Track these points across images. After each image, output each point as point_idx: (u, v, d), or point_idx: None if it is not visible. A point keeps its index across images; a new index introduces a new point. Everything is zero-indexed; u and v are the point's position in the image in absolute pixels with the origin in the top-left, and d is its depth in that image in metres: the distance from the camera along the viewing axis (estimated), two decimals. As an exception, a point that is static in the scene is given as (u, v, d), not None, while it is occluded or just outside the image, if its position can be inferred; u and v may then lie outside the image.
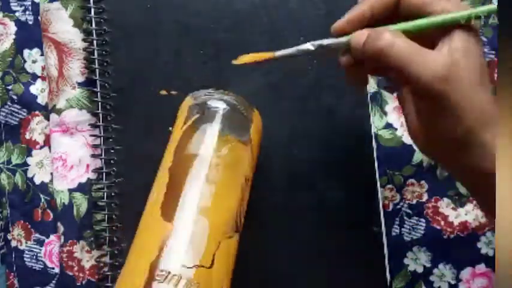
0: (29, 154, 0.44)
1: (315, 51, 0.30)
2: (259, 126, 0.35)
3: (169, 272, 0.27)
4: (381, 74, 0.36)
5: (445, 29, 0.27)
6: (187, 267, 0.27)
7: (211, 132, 0.32)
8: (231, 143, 0.32)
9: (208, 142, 0.31)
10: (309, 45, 0.30)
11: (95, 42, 0.42)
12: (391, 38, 0.27)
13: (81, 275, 0.41)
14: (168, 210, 0.29)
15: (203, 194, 0.30)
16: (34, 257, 0.43)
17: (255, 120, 0.35)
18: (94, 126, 0.42)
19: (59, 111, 0.43)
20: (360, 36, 0.29)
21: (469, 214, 0.41)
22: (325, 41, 0.30)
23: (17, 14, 0.45)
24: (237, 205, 0.31)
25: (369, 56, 0.28)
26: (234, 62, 0.32)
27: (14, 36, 0.45)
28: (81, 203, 0.42)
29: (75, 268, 0.41)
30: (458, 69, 0.26)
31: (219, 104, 0.33)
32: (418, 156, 0.42)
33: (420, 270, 0.42)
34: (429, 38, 0.28)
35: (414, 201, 0.42)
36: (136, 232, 0.32)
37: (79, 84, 0.43)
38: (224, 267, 0.30)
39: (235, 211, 0.31)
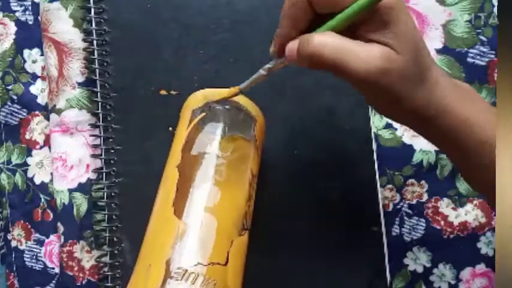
0: (29, 154, 0.44)
1: (268, 75, 0.31)
2: (262, 122, 0.35)
3: (186, 270, 0.27)
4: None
5: (373, 19, 0.26)
6: (203, 265, 0.27)
7: (216, 131, 0.32)
8: (236, 141, 0.32)
9: (213, 142, 0.32)
10: (261, 71, 0.31)
11: (95, 42, 0.42)
12: (321, 39, 0.26)
13: (81, 275, 0.41)
14: (180, 208, 0.30)
15: (212, 193, 0.30)
16: (34, 257, 0.43)
17: (258, 117, 0.35)
18: (94, 126, 0.42)
19: (59, 111, 0.43)
20: (292, 48, 0.28)
21: (469, 214, 0.41)
22: (271, 63, 0.31)
23: (17, 14, 0.45)
24: (245, 203, 0.31)
25: (306, 62, 0.27)
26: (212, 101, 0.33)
27: (14, 36, 0.45)
28: (81, 203, 0.42)
29: (75, 268, 0.41)
30: (392, 59, 0.26)
31: (222, 103, 0.33)
32: (418, 156, 0.42)
33: (420, 270, 0.42)
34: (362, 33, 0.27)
35: (414, 201, 0.42)
36: (148, 230, 0.32)
37: (79, 84, 0.43)
38: (238, 264, 0.30)
39: (244, 209, 0.31)
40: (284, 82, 0.42)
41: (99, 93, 0.42)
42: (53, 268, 0.43)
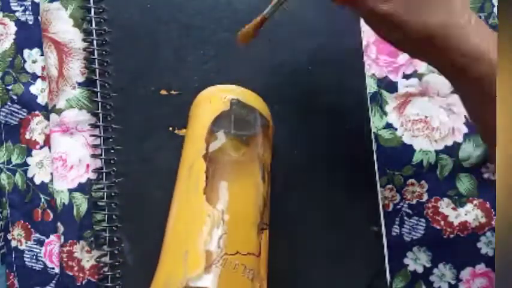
0: (29, 154, 0.44)
1: None
2: (271, 122, 0.36)
3: (226, 258, 0.27)
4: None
5: None
6: (242, 254, 0.28)
7: (230, 132, 0.32)
8: (250, 140, 0.32)
9: (229, 141, 0.32)
10: None
11: (95, 42, 0.42)
12: None
13: (81, 275, 0.41)
14: (211, 196, 0.30)
15: (232, 189, 0.30)
16: (34, 257, 0.43)
17: (269, 117, 0.35)
18: (94, 126, 0.42)
19: (59, 111, 0.43)
20: None
21: (469, 214, 0.41)
22: None
23: (17, 14, 0.45)
24: (266, 196, 0.32)
25: None
26: (240, 42, 0.35)
27: (14, 36, 0.45)
28: (81, 203, 0.42)
29: (75, 268, 0.41)
30: None
31: (237, 104, 0.33)
32: (418, 156, 0.42)
33: (420, 270, 0.42)
34: None
35: (414, 201, 0.42)
36: (174, 217, 0.32)
37: (79, 84, 0.43)
38: (265, 256, 0.30)
39: (263, 204, 0.32)
40: (284, 82, 0.42)
41: (99, 93, 0.42)
42: (53, 268, 0.43)
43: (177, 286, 0.26)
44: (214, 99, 0.34)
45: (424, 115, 0.42)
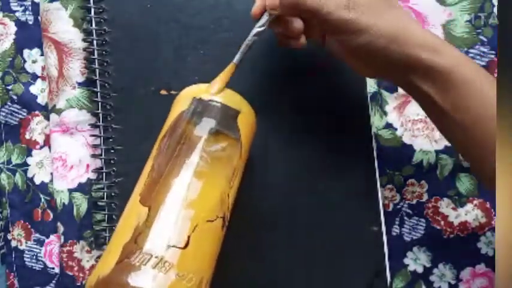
0: (29, 154, 0.44)
1: (259, 36, 0.35)
2: (251, 120, 0.35)
3: (139, 252, 0.27)
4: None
5: None
6: (159, 247, 0.28)
7: (202, 127, 0.32)
8: (221, 138, 0.32)
9: (197, 137, 0.32)
10: (251, 37, 0.35)
11: (95, 42, 0.42)
12: None
13: (81, 275, 0.41)
14: (146, 195, 0.31)
15: (185, 182, 0.30)
16: (34, 257, 0.43)
17: (248, 115, 0.35)
18: (94, 126, 0.42)
19: (59, 111, 0.43)
20: (272, 1, 0.33)
21: (469, 214, 0.41)
22: (257, 26, 0.35)
23: (17, 14, 0.45)
24: (219, 195, 0.32)
25: (287, 9, 0.32)
26: (213, 93, 0.34)
27: (14, 36, 0.45)
28: (81, 203, 0.42)
29: (75, 268, 0.41)
30: None
31: (211, 100, 0.33)
32: (418, 156, 0.42)
33: (420, 270, 0.42)
34: None
35: (414, 201, 0.42)
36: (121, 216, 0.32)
37: (79, 84, 0.43)
38: (202, 249, 0.30)
39: (218, 199, 0.31)
40: (284, 82, 0.42)
41: (99, 93, 0.42)
42: (53, 268, 0.43)
43: (95, 281, 0.27)
44: (184, 99, 0.34)
45: (424, 115, 0.42)
